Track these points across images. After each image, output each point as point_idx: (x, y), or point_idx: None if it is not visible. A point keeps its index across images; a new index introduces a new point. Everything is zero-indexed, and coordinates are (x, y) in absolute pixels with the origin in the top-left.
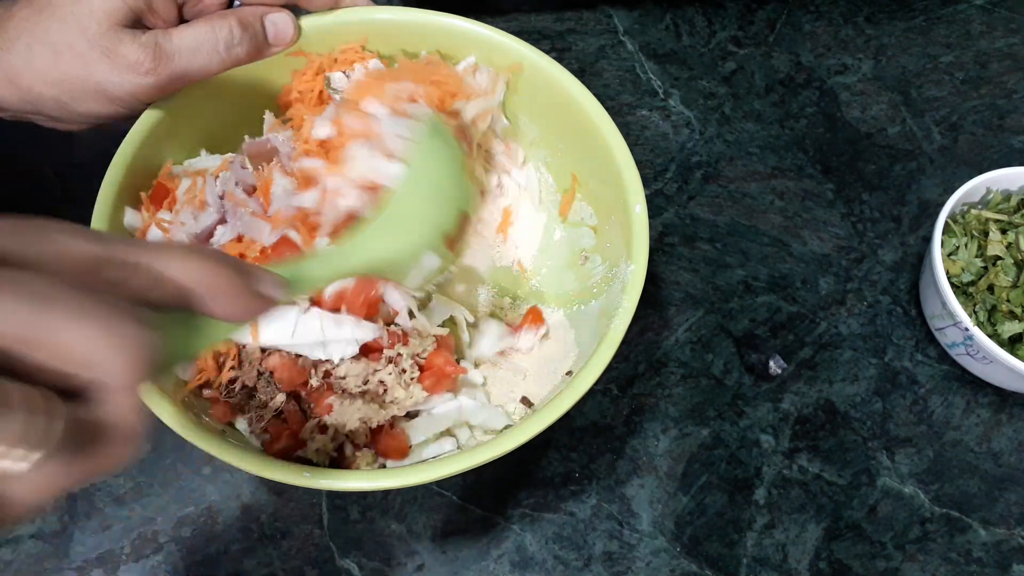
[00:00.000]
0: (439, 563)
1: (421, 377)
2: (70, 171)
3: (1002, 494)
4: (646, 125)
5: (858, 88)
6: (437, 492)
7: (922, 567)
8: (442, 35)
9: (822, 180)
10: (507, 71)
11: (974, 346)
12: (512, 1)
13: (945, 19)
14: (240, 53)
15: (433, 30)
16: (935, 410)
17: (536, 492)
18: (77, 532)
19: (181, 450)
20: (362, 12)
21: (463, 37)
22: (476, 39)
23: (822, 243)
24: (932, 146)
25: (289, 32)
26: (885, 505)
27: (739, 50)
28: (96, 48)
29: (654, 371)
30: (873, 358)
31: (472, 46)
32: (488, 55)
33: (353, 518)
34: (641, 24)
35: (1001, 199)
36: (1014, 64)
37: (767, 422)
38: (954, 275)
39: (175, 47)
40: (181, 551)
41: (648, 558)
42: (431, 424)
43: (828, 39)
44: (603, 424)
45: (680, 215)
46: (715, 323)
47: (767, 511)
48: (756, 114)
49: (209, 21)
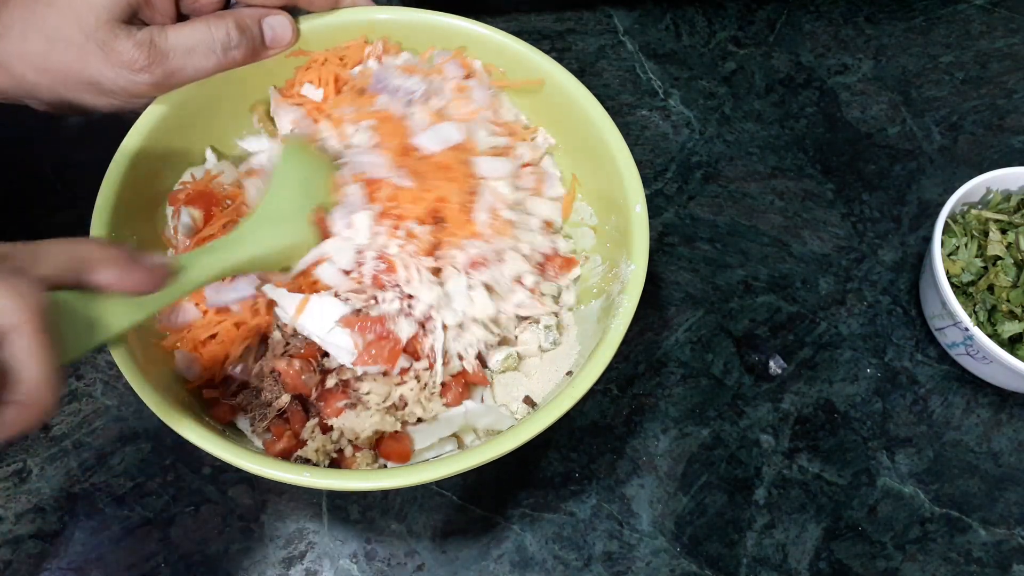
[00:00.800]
0: (439, 563)
1: (443, 391)
2: (70, 171)
3: (1002, 494)
4: (646, 125)
5: (858, 88)
6: (437, 492)
7: (922, 567)
8: (441, 35)
9: (822, 180)
10: (513, 83)
11: (974, 346)
12: (512, 1)
13: (945, 19)
14: (236, 56)
15: (433, 30)
16: (935, 410)
17: (536, 492)
18: (77, 532)
19: (181, 450)
20: (362, 12)
21: (462, 37)
22: (475, 39)
23: (822, 243)
24: (932, 146)
25: (287, 35)
26: (885, 505)
27: (739, 50)
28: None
29: (654, 371)
30: (873, 358)
31: (471, 46)
32: (486, 54)
33: (353, 518)
34: (641, 24)
35: (1001, 199)
36: (1014, 64)
37: (767, 422)
38: (954, 275)
39: (170, 46)
40: (181, 551)
41: (648, 558)
42: (437, 430)
43: (828, 39)
44: (603, 424)
45: (680, 215)
46: (715, 323)
47: (767, 511)
48: (756, 114)
49: (206, 22)
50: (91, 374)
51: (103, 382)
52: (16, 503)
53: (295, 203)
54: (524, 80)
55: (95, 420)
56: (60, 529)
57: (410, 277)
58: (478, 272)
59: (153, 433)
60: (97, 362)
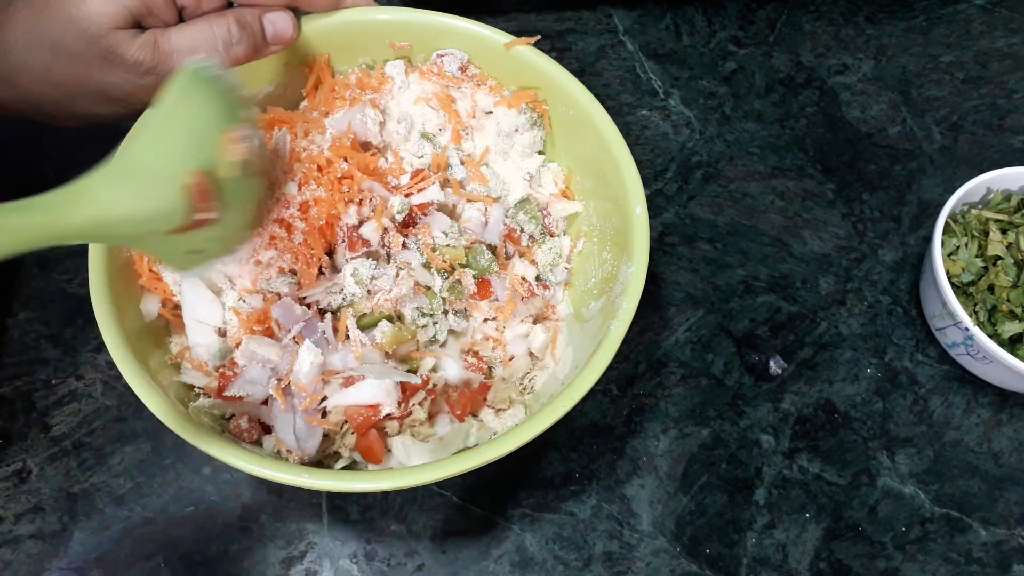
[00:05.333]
0: (439, 563)
1: (454, 402)
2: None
3: (1002, 494)
4: (646, 125)
5: (858, 88)
6: (437, 492)
7: (922, 567)
8: (441, 35)
9: (822, 180)
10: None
11: (974, 346)
12: (512, 1)
13: (945, 19)
14: (239, 52)
15: (433, 30)
16: (935, 410)
17: (536, 492)
18: (77, 532)
19: (181, 450)
20: (363, 12)
21: (462, 36)
22: (475, 38)
23: (822, 243)
24: (932, 146)
25: (288, 31)
26: (885, 505)
27: (739, 50)
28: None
29: (654, 371)
30: (873, 358)
31: (470, 45)
32: (485, 54)
33: (353, 518)
34: (641, 24)
35: (1001, 199)
36: (1014, 64)
37: (767, 422)
38: (954, 275)
39: (173, 46)
40: (181, 551)
41: (648, 558)
42: (441, 450)
43: (828, 39)
44: (603, 424)
45: (680, 215)
46: (715, 323)
47: (767, 511)
48: (756, 114)
49: (207, 20)
50: (91, 374)
51: (103, 382)
52: (16, 503)
53: (170, 158)
54: (522, 92)
55: (95, 420)
56: (60, 529)
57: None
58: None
59: (153, 433)
60: (97, 362)
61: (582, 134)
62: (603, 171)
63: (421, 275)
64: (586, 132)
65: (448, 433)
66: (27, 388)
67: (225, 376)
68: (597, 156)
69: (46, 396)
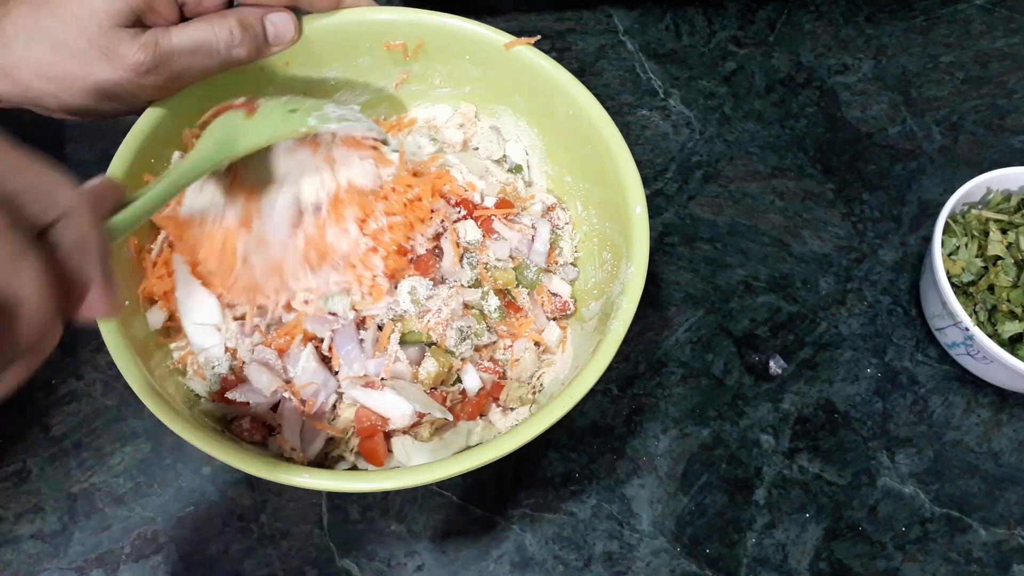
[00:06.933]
0: (439, 563)
1: (460, 408)
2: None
3: (1002, 494)
4: (646, 125)
5: (858, 88)
6: (437, 492)
7: (922, 567)
8: (440, 35)
9: (822, 180)
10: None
11: (974, 346)
12: (512, 1)
13: (945, 19)
14: (240, 53)
15: (432, 30)
16: (935, 410)
17: (536, 492)
18: (77, 532)
19: (181, 450)
20: (363, 12)
21: (461, 36)
22: (475, 38)
23: (822, 243)
24: (932, 146)
25: (289, 32)
26: (885, 505)
27: (739, 50)
28: (95, 47)
29: (654, 371)
30: (873, 358)
31: (469, 45)
32: (485, 54)
33: (353, 518)
34: (641, 24)
35: (1001, 199)
36: (1014, 64)
37: (767, 422)
38: (954, 275)
39: (174, 47)
40: (181, 551)
41: (648, 558)
42: (441, 450)
43: (828, 39)
44: (603, 424)
45: (680, 215)
46: (715, 323)
47: (767, 511)
48: (756, 114)
49: (209, 21)
50: (91, 374)
51: (103, 382)
52: (16, 503)
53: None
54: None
55: (95, 420)
56: (60, 529)
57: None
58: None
59: (153, 433)
60: (97, 362)
61: (582, 134)
62: (603, 171)
63: (470, 295)
64: (586, 132)
65: (449, 433)
66: (27, 388)
67: (228, 380)
68: (597, 156)
69: (46, 396)
